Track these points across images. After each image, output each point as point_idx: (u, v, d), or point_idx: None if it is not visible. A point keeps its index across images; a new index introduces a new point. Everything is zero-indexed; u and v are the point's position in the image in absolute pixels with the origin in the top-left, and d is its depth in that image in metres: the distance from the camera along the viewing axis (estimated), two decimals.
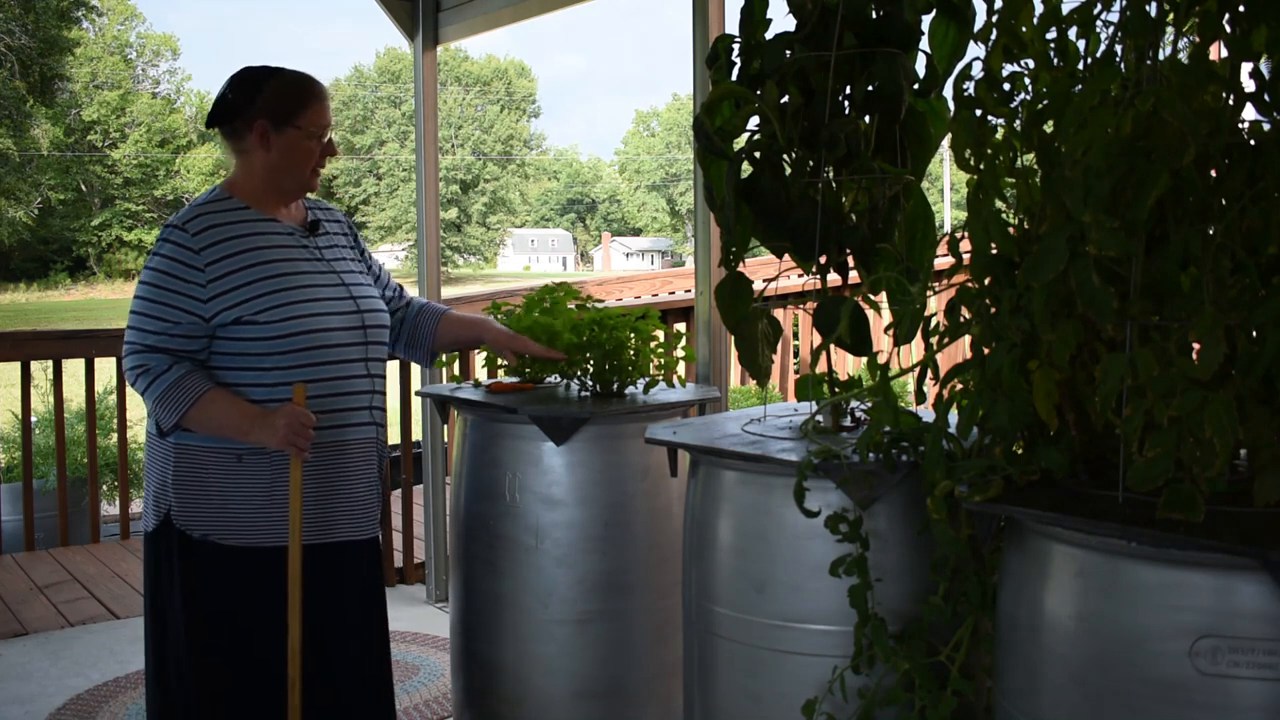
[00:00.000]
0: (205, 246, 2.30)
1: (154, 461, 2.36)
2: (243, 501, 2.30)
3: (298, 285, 2.35)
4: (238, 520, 2.30)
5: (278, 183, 2.40)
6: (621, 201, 69.25)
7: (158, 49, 49.85)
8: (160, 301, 2.28)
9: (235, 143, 2.40)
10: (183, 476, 2.31)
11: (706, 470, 2.07)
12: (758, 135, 2.13)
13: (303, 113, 2.36)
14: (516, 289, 6.05)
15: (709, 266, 3.12)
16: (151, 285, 2.30)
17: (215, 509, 2.30)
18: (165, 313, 2.28)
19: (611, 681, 2.63)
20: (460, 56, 55.88)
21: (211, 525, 2.30)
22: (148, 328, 2.28)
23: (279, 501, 2.30)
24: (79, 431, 5.76)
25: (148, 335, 2.28)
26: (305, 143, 2.37)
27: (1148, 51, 1.56)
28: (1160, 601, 1.38)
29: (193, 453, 2.31)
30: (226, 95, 2.38)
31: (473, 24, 4.18)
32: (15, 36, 29.25)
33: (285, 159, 2.37)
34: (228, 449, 2.30)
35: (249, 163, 2.39)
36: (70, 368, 5.41)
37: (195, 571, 2.31)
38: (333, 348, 2.37)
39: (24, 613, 4.37)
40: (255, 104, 2.35)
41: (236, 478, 2.30)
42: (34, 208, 39.33)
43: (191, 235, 2.30)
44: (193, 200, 2.43)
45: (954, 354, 4.48)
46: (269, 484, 2.31)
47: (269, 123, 2.34)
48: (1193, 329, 1.40)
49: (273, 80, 2.37)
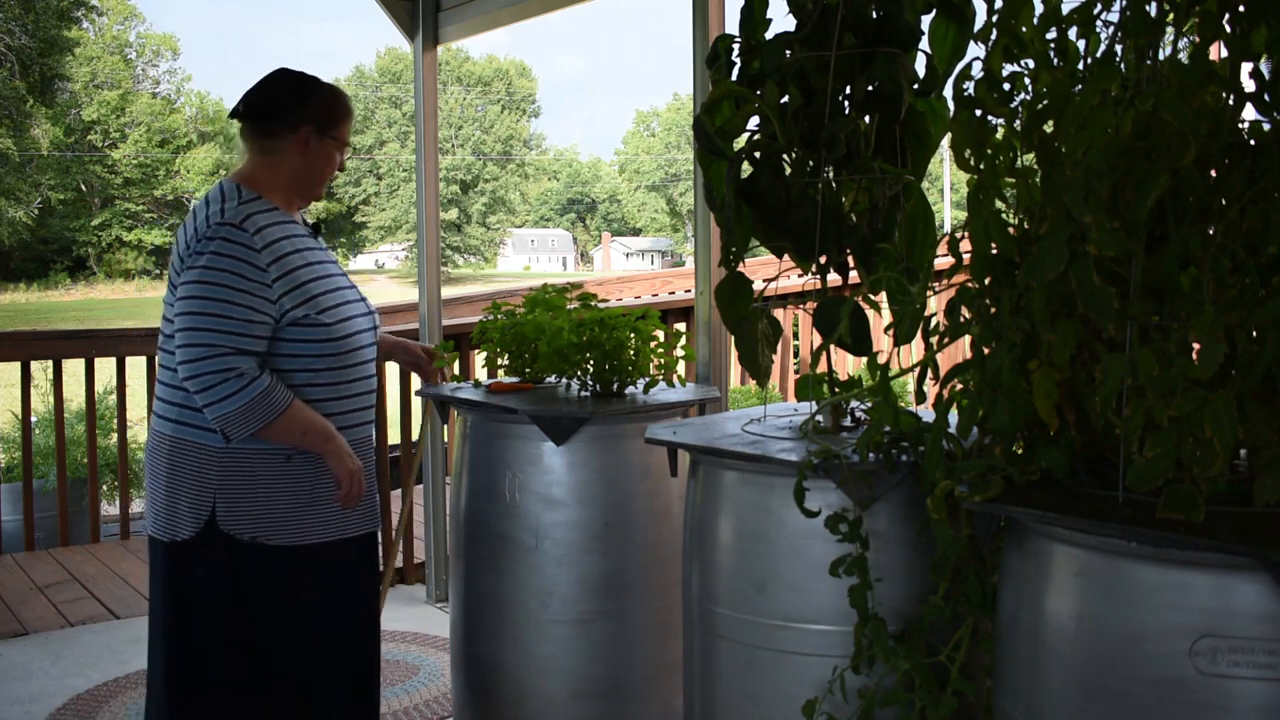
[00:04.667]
0: (264, 246, 2.28)
1: (186, 466, 2.30)
2: (289, 501, 2.33)
3: (335, 287, 2.40)
4: (284, 519, 2.33)
5: (300, 187, 2.43)
6: (621, 201, 69.23)
7: (158, 49, 49.83)
8: (234, 302, 2.23)
9: (266, 141, 2.39)
10: (231, 480, 2.29)
11: (706, 470, 2.07)
12: (758, 135, 2.13)
13: (341, 125, 2.44)
14: (516, 289, 6.05)
15: (709, 266, 3.12)
16: (220, 285, 2.23)
17: (262, 509, 2.31)
18: (242, 313, 2.23)
19: (611, 681, 2.63)
20: (461, 57, 55.88)
21: (260, 527, 2.31)
22: (229, 329, 2.22)
23: (321, 498, 2.35)
24: (79, 431, 5.76)
25: (232, 337, 2.22)
26: (335, 154, 2.45)
27: (1148, 51, 1.56)
28: (1160, 601, 1.38)
29: (242, 456, 2.29)
30: (271, 95, 2.40)
31: (473, 24, 4.18)
32: (15, 36, 29.27)
33: (317, 166, 2.42)
34: (277, 450, 2.30)
35: (275, 163, 2.39)
36: (70, 368, 5.41)
37: (243, 573, 2.31)
38: (363, 348, 2.45)
39: (24, 613, 4.37)
40: (304, 110, 2.38)
41: (284, 477, 2.32)
42: (34, 208, 39.35)
43: (251, 234, 2.28)
44: (209, 198, 2.37)
45: (954, 354, 4.47)
46: (312, 482, 2.35)
47: (314, 129, 2.38)
48: (1193, 329, 1.40)
49: (321, 90, 2.43)
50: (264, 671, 2.34)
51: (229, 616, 2.31)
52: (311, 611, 2.38)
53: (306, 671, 2.38)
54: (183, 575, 2.32)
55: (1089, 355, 1.58)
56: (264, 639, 2.33)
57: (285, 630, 2.35)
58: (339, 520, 2.39)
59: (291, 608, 2.36)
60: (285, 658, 2.35)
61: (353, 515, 2.40)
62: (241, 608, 2.32)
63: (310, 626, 2.38)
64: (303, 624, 2.37)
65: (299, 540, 2.34)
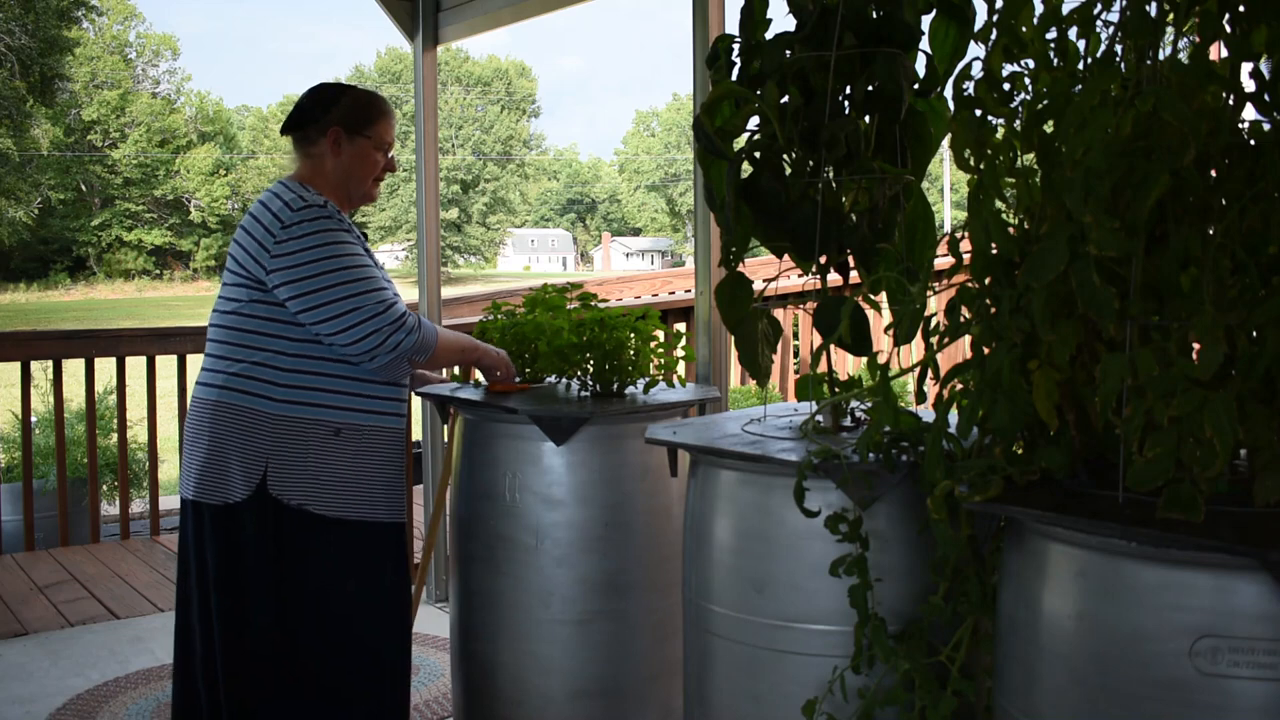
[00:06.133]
0: (347, 228, 2.50)
1: (236, 431, 2.44)
2: (332, 474, 2.47)
3: (386, 283, 2.53)
4: (329, 491, 2.46)
5: (346, 188, 2.60)
6: (621, 201, 69.23)
7: (158, 49, 49.83)
8: (365, 265, 2.45)
9: (307, 148, 2.59)
10: (284, 446, 2.43)
11: (706, 470, 2.07)
12: (758, 135, 2.13)
13: (373, 124, 2.60)
14: (516, 289, 6.06)
15: (709, 266, 3.12)
16: (344, 256, 2.43)
17: (310, 478, 2.45)
18: (367, 267, 2.45)
19: (611, 681, 2.63)
20: (461, 57, 55.89)
21: (307, 495, 2.44)
22: (382, 285, 2.45)
23: (361, 476, 2.50)
24: (79, 431, 5.77)
25: (388, 291, 2.45)
26: (373, 153, 2.61)
27: (1148, 51, 1.56)
28: (1160, 601, 1.38)
29: (295, 424, 2.44)
30: (303, 104, 2.59)
31: (473, 24, 4.18)
32: (15, 36, 29.24)
33: (354, 165, 2.59)
34: (326, 422, 2.46)
35: (320, 166, 2.58)
36: (70, 368, 5.41)
37: (291, 536, 2.44)
38: None
39: (24, 613, 4.37)
40: (330, 112, 2.56)
41: (331, 450, 2.46)
42: (34, 208, 39.34)
43: (335, 218, 2.48)
44: (274, 192, 2.52)
45: (954, 354, 4.48)
46: (353, 458, 2.49)
47: (343, 129, 2.56)
48: (1193, 329, 1.40)
49: (348, 93, 2.62)
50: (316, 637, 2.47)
51: (276, 570, 2.44)
52: (336, 586, 2.49)
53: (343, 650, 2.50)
54: (235, 535, 2.44)
55: (1089, 355, 1.58)
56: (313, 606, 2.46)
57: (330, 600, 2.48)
58: (370, 502, 2.52)
59: (336, 578, 2.49)
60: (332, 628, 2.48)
61: (382, 500, 2.54)
62: (290, 569, 2.45)
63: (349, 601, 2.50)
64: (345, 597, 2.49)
65: (339, 513, 2.47)
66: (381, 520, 2.54)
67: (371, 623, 2.54)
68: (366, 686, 2.52)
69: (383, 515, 2.55)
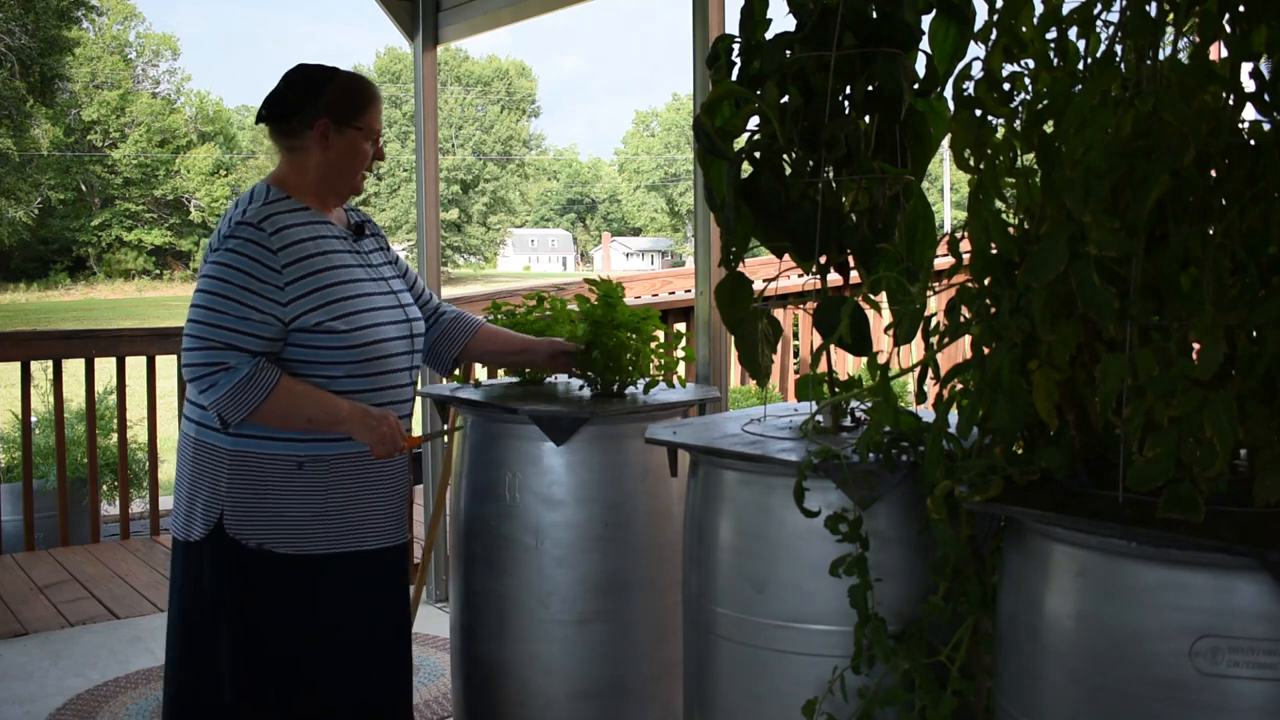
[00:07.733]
0: (281, 247, 2.25)
1: (202, 468, 2.30)
2: (299, 509, 2.30)
3: (362, 293, 2.34)
4: (293, 528, 2.29)
5: (331, 183, 2.39)
6: (621, 201, 69.23)
7: (158, 49, 49.81)
8: (238, 300, 2.21)
9: (288, 140, 2.37)
10: (239, 484, 2.27)
11: (706, 470, 2.07)
12: (758, 135, 2.13)
13: (363, 114, 2.37)
14: (517, 289, 6.05)
15: (709, 266, 3.12)
16: (227, 282, 2.21)
17: (270, 517, 2.28)
18: (244, 311, 2.21)
19: (611, 681, 2.63)
20: (461, 56, 55.87)
21: (266, 534, 2.28)
22: (226, 324, 2.20)
23: (334, 509, 2.32)
24: (79, 431, 5.77)
25: (225, 332, 2.20)
26: (362, 144, 2.38)
27: (1148, 51, 1.56)
28: (1160, 601, 1.38)
29: (252, 460, 2.27)
30: (284, 92, 2.36)
31: (473, 24, 4.18)
32: (15, 36, 29.24)
33: (343, 159, 2.37)
34: (288, 456, 2.28)
35: (302, 161, 2.36)
36: (70, 368, 5.41)
37: (249, 580, 2.29)
38: (391, 357, 2.38)
39: (24, 613, 4.37)
40: (318, 103, 2.33)
41: (295, 485, 2.29)
42: (34, 208, 39.32)
43: (268, 234, 2.24)
44: (239, 199, 2.37)
45: (954, 354, 4.47)
46: (325, 491, 2.31)
47: (331, 122, 2.33)
48: (1193, 329, 1.40)
49: (335, 80, 2.37)
50: (284, 682, 2.31)
51: (235, 620, 2.29)
52: (327, 624, 2.34)
53: (328, 690, 2.34)
54: (195, 574, 2.32)
55: (1089, 355, 1.58)
56: (279, 649, 2.31)
57: (301, 641, 2.32)
58: (356, 532, 2.35)
59: (305, 618, 2.32)
60: (308, 669, 2.33)
61: (371, 528, 2.37)
62: (253, 612, 2.30)
63: (325, 639, 2.34)
64: (319, 636, 2.33)
65: (310, 550, 2.30)
66: (369, 549, 2.37)
67: (361, 661, 2.39)
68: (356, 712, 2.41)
69: (370, 543, 2.37)
